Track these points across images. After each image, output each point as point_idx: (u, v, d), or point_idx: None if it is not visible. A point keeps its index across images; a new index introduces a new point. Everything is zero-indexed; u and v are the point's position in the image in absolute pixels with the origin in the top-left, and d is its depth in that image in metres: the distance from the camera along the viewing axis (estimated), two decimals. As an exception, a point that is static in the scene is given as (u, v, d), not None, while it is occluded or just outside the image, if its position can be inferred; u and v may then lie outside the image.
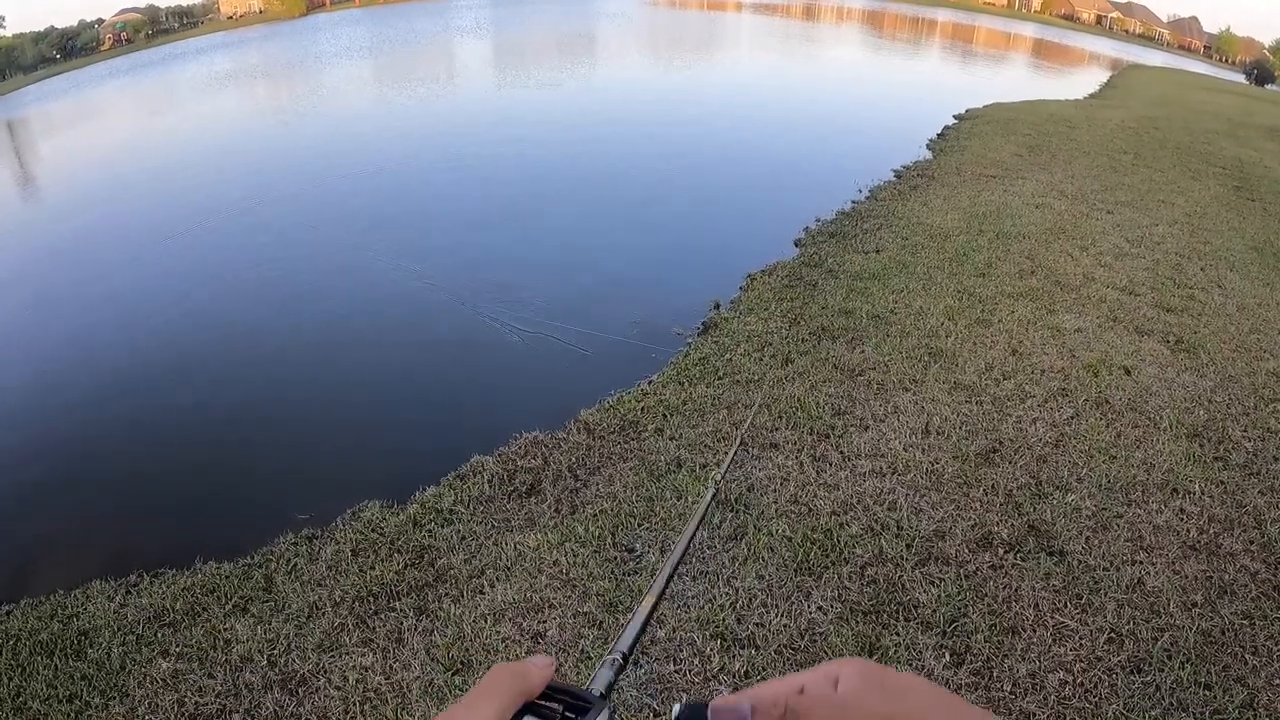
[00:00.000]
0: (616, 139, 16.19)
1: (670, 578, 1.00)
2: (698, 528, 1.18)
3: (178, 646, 3.69)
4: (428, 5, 77.03)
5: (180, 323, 8.36)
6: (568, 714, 0.69)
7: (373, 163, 15.03)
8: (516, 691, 0.68)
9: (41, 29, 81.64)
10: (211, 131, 21.13)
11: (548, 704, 0.70)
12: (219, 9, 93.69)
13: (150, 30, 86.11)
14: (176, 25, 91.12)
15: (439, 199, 12.42)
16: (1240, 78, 53.33)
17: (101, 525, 5.33)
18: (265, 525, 4.68)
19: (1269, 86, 49.73)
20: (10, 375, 7.60)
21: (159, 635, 3.81)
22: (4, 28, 79.80)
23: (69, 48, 79.02)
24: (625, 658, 0.83)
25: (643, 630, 0.88)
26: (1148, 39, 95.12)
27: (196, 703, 3.36)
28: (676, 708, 0.77)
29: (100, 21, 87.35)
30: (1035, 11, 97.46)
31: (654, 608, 0.92)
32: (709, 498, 1.36)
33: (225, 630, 3.76)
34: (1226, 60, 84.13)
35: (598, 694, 0.75)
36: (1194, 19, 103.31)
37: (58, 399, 7.02)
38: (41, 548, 5.18)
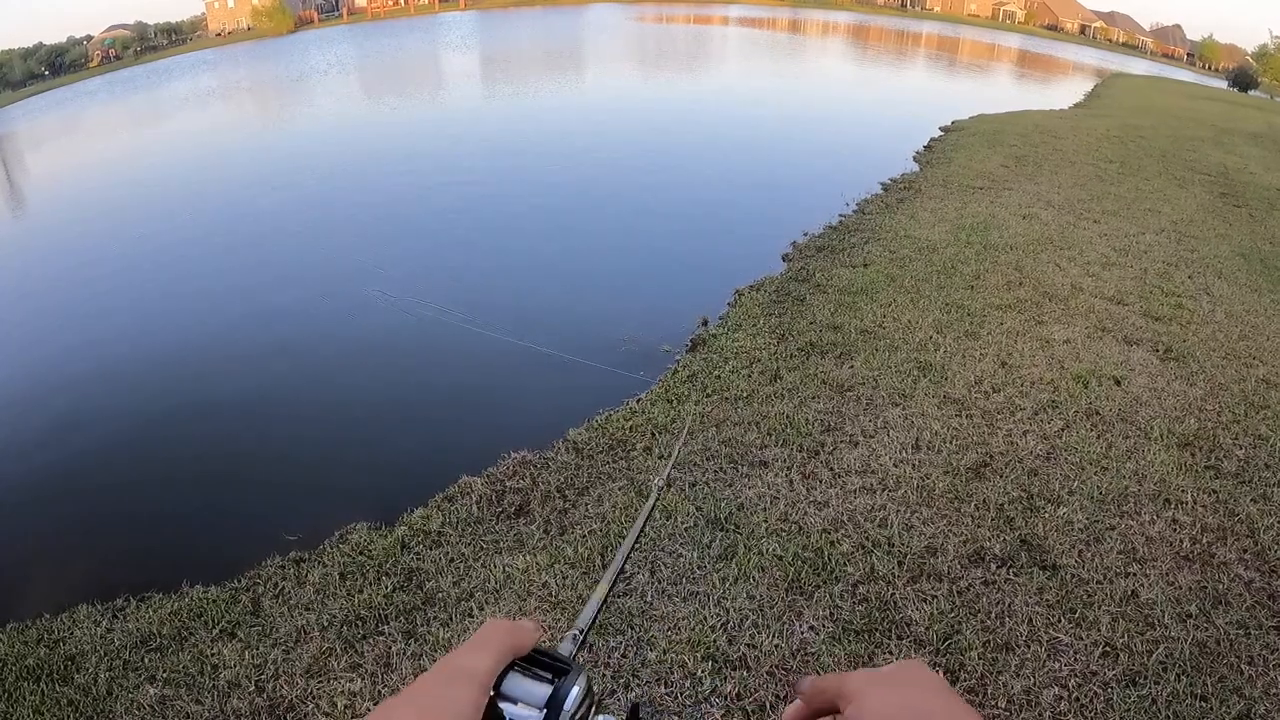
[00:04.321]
0: (601, 155, 16.19)
1: (624, 562, 1.10)
2: (645, 524, 1.27)
3: (165, 672, 3.64)
4: (414, 21, 77.35)
5: (163, 343, 8.31)
6: (548, 675, 0.75)
7: (356, 178, 15.05)
8: (509, 647, 0.74)
9: (30, 45, 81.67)
10: (195, 148, 21.10)
11: (533, 666, 0.76)
12: (207, 26, 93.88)
13: (139, 47, 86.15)
14: (165, 42, 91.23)
15: (422, 217, 12.38)
16: (1223, 84, 53.73)
17: (88, 548, 5.28)
18: (252, 547, 4.64)
19: (1252, 92, 50.09)
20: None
21: (146, 660, 3.76)
22: (-9, 44, 79.76)
23: (58, 64, 78.98)
24: (584, 633, 0.92)
25: (599, 611, 0.97)
26: (1131, 48, 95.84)
27: (183, 730, 3.32)
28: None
29: (89, 38, 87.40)
30: (1019, 23, 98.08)
31: (610, 590, 1.03)
32: (652, 500, 1.44)
33: (213, 655, 3.71)
34: (1209, 67, 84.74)
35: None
36: (1177, 27, 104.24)
37: (40, 420, 6.97)
38: (27, 571, 5.12)
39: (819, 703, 0.72)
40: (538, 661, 0.77)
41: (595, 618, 0.95)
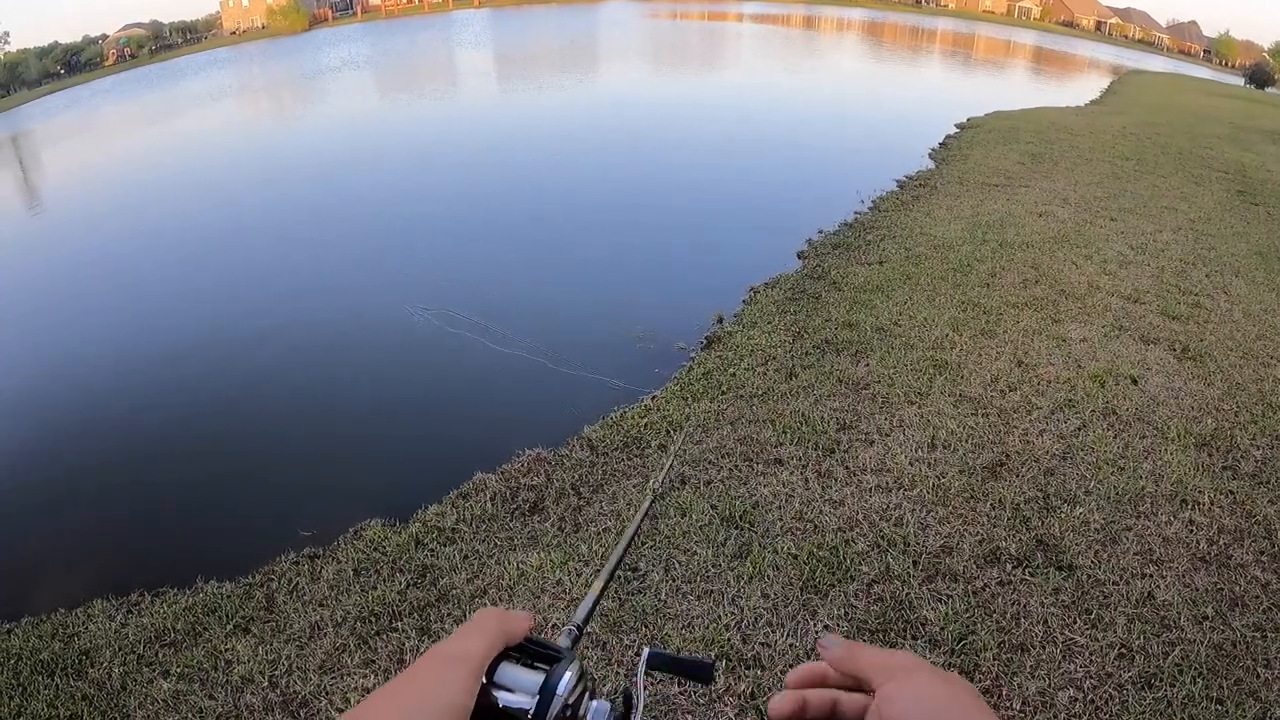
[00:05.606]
0: (615, 152, 16.21)
1: (619, 563, 1.15)
2: (641, 522, 1.37)
3: (178, 667, 3.66)
4: (428, 19, 77.51)
5: (179, 340, 8.35)
6: (540, 664, 0.77)
7: (368, 179, 15.10)
8: (501, 633, 0.76)
9: (46, 44, 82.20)
10: (202, 147, 21.23)
11: (526, 655, 0.78)
12: (222, 25, 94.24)
13: (154, 45, 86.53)
14: (180, 40, 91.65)
15: (433, 216, 12.40)
16: (1240, 81, 53.33)
17: (103, 543, 5.31)
18: (267, 543, 4.65)
19: (1269, 89, 49.68)
20: (8, 391, 7.59)
21: (160, 655, 3.78)
22: (8, 44, 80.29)
23: (73, 63, 79.43)
24: (579, 629, 0.95)
25: (594, 607, 1.01)
26: (1147, 44, 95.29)
27: (197, 725, 3.33)
28: (646, 651, 0.89)
29: (104, 37, 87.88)
30: (1034, 19, 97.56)
31: (604, 588, 1.08)
32: (646, 504, 1.48)
33: (226, 651, 3.73)
34: (1226, 64, 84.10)
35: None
36: (1193, 23, 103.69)
37: (58, 416, 7.01)
38: (43, 566, 5.15)
39: (849, 669, 0.72)
40: (531, 651, 0.79)
41: (589, 616, 0.98)
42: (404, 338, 7.86)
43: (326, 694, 3.36)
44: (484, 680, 0.73)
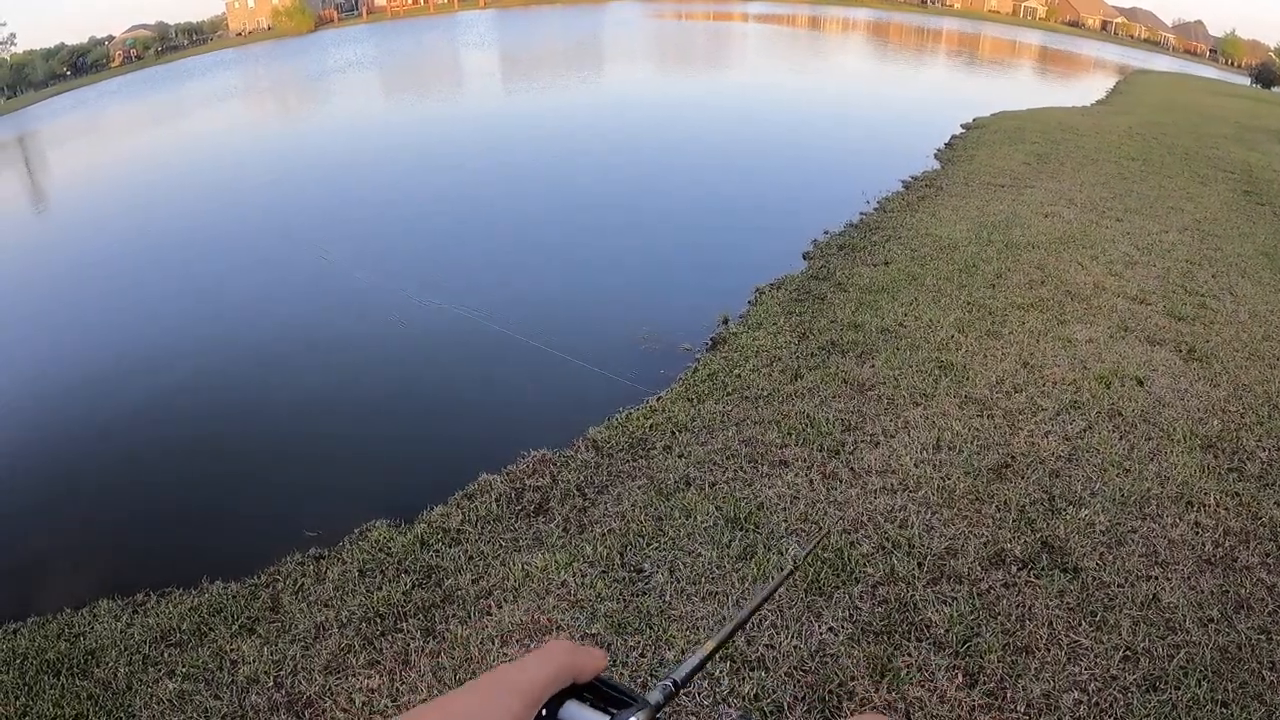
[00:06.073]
0: (619, 153, 16.19)
1: (738, 627, 1.03)
2: (773, 593, 1.17)
3: (184, 667, 3.67)
4: (434, 20, 77.58)
5: (183, 340, 8.36)
6: (612, 708, 0.72)
7: (372, 179, 15.12)
8: (569, 667, 0.71)
9: (52, 45, 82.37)
10: (208, 148, 21.26)
11: (597, 697, 0.73)
12: (228, 26, 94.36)
13: (160, 47, 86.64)
14: (186, 42, 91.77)
15: (438, 216, 12.42)
16: (1246, 81, 53.20)
17: (108, 544, 5.33)
18: (272, 544, 4.67)
19: (1275, 89, 49.52)
20: (13, 391, 7.60)
21: (165, 655, 3.79)
22: (15, 45, 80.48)
23: (79, 64, 79.55)
24: (677, 685, 0.83)
25: (699, 668, 0.89)
26: (1153, 44, 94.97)
27: (203, 725, 3.34)
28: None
29: (110, 38, 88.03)
30: (1040, 19, 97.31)
31: (715, 650, 0.93)
32: (786, 573, 1.38)
33: (232, 651, 3.74)
34: (1232, 64, 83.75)
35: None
36: (1199, 23, 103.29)
37: (63, 416, 7.02)
38: (48, 566, 5.16)
39: None
40: (603, 694, 0.74)
41: (691, 675, 0.88)
42: (408, 337, 7.88)
43: (331, 694, 3.37)
44: (544, 715, 0.70)
